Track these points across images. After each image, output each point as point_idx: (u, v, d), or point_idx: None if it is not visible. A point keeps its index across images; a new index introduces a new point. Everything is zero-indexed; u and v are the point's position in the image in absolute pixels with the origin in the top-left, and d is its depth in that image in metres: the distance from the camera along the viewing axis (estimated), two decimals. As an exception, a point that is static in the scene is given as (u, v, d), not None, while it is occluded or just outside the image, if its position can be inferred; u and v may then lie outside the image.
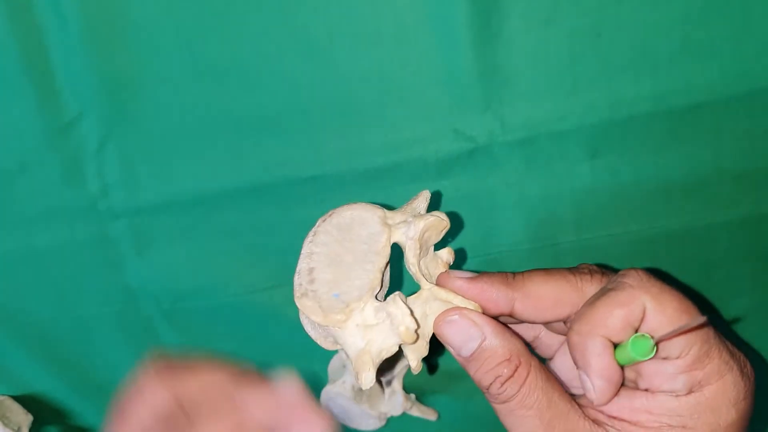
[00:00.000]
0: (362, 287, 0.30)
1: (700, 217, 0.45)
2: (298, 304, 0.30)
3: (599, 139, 0.43)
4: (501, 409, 0.30)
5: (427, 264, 0.32)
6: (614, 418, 0.30)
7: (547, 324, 0.34)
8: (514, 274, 0.32)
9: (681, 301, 0.29)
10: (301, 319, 0.31)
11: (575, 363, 0.30)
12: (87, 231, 0.46)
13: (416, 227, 0.31)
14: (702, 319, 0.28)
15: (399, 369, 0.49)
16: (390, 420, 0.50)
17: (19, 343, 0.49)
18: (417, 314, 0.30)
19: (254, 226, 0.46)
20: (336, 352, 0.48)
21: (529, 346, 0.36)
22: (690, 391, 0.29)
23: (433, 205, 0.45)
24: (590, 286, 0.31)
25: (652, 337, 0.29)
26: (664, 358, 0.29)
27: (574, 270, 0.32)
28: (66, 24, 0.42)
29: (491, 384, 0.30)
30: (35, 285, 0.48)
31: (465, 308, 0.31)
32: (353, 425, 0.49)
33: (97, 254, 0.47)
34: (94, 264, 0.47)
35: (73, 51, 0.43)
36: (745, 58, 0.41)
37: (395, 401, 0.49)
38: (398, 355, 0.47)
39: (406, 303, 0.30)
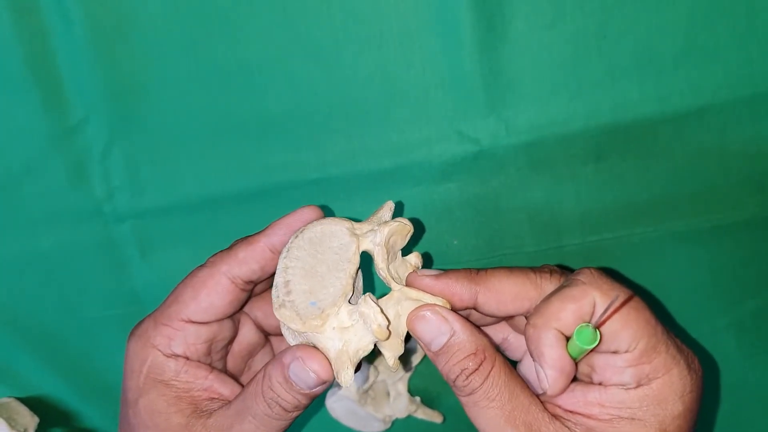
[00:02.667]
0: (336, 293, 0.32)
1: (705, 219, 0.45)
2: (277, 315, 0.31)
3: (604, 141, 0.43)
4: (466, 402, 0.32)
5: (396, 268, 0.34)
6: (570, 412, 0.31)
7: (509, 319, 0.36)
8: (478, 270, 0.33)
9: (627, 296, 0.31)
10: (282, 331, 0.33)
11: (531, 355, 0.32)
12: (92, 234, 0.47)
13: (382, 234, 0.32)
14: (628, 293, 0.30)
15: (403, 372, 0.49)
16: (395, 423, 0.50)
17: (24, 346, 0.49)
18: (390, 314, 0.32)
19: (258, 229, 0.46)
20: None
21: (498, 349, 0.37)
22: (638, 384, 0.31)
23: (431, 210, 0.45)
24: (549, 284, 0.33)
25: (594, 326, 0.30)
26: (614, 352, 0.31)
27: (536, 269, 0.34)
28: (72, 27, 0.42)
29: (458, 376, 0.31)
30: (40, 287, 0.48)
31: (435, 305, 0.32)
32: (358, 428, 0.49)
33: (102, 257, 0.47)
34: (98, 267, 0.47)
35: (79, 54, 0.43)
36: (749, 61, 0.41)
37: (400, 404, 0.49)
38: (402, 358, 0.47)
39: (376, 303, 0.31)
